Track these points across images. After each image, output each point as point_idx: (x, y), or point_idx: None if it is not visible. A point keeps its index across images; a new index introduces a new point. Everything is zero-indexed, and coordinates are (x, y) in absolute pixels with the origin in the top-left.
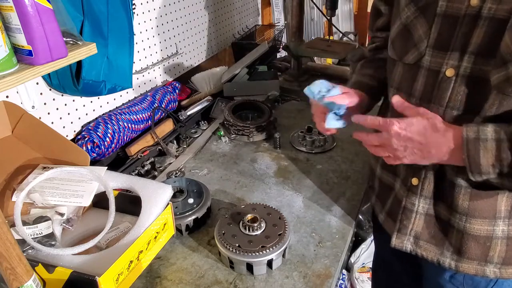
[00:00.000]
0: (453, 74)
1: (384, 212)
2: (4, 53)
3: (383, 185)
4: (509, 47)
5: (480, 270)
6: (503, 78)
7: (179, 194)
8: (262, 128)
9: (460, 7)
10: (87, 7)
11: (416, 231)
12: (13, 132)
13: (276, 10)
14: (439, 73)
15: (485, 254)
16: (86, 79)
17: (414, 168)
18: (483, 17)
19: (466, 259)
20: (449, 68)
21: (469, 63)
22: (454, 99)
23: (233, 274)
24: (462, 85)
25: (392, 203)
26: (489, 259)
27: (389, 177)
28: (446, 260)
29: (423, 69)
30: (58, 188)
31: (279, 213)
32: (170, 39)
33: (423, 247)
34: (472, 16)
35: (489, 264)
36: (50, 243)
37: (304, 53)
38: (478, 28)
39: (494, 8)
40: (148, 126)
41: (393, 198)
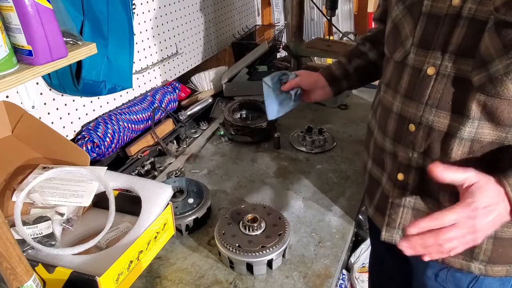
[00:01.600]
0: (433, 72)
1: (372, 206)
2: (4, 53)
3: (372, 179)
4: (488, 49)
5: (465, 265)
6: (485, 79)
7: (179, 194)
8: (262, 128)
9: (443, 6)
10: (87, 7)
11: (404, 224)
12: (13, 132)
13: (276, 10)
14: (421, 71)
15: (471, 250)
16: (86, 79)
17: (399, 163)
18: (463, 17)
19: None
20: (430, 67)
21: (449, 62)
22: (434, 97)
23: (233, 274)
24: (442, 84)
25: (380, 197)
26: (475, 255)
27: (378, 171)
28: None
29: (408, 66)
30: (58, 188)
31: (279, 213)
32: (170, 39)
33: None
34: (453, 16)
35: (474, 260)
36: (50, 243)
37: (304, 53)
38: (458, 28)
39: (474, 8)
40: (148, 126)
41: (381, 193)
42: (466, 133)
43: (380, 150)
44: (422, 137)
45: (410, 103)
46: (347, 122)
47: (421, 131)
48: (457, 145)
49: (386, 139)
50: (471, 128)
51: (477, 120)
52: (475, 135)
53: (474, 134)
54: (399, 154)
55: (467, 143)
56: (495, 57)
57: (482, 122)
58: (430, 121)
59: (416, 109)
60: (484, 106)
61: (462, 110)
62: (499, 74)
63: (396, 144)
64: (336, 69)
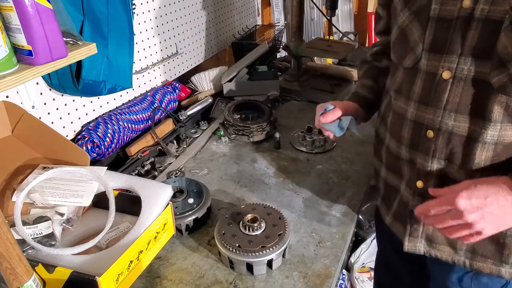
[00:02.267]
0: (449, 76)
1: (390, 214)
2: (4, 53)
3: (389, 187)
4: (506, 48)
5: (495, 270)
6: (505, 80)
7: (179, 194)
8: (262, 128)
9: (453, 9)
10: (87, 7)
11: (427, 233)
12: (13, 132)
13: (276, 10)
14: (436, 76)
15: (500, 253)
16: (86, 79)
17: (418, 170)
18: (476, 18)
19: (480, 257)
20: (445, 71)
21: (465, 65)
22: (452, 101)
23: (233, 274)
24: (460, 87)
25: (399, 205)
26: (504, 258)
27: (394, 179)
28: (460, 259)
29: (421, 72)
30: (58, 188)
31: (279, 213)
32: (170, 39)
33: (437, 248)
34: (464, 18)
35: (504, 264)
36: (50, 243)
37: (304, 53)
38: (471, 30)
39: (487, 9)
40: (148, 126)
41: (399, 200)
42: (489, 137)
43: (395, 157)
44: (442, 143)
45: (426, 109)
46: None
47: (441, 137)
48: (480, 149)
49: (401, 147)
50: (494, 131)
51: (499, 122)
52: (498, 138)
53: (498, 137)
54: (417, 161)
55: (491, 146)
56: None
57: (504, 124)
58: (450, 126)
59: (433, 114)
60: (506, 107)
61: (483, 113)
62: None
63: (413, 151)
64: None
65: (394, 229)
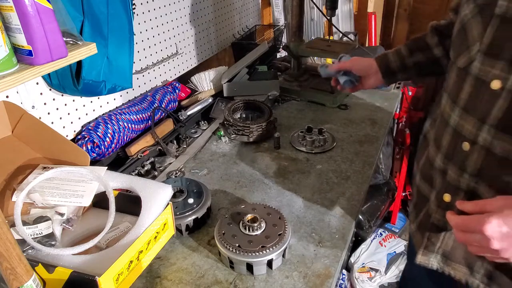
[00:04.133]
0: (499, 87)
1: (415, 223)
2: (4, 53)
3: (420, 195)
4: None
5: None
6: None
7: (179, 194)
8: (262, 128)
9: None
10: (87, 7)
11: (444, 249)
12: (13, 132)
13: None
14: (484, 83)
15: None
16: (86, 79)
17: (447, 183)
18: None
19: (496, 285)
20: (495, 80)
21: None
22: (495, 115)
23: (233, 274)
24: (507, 101)
25: (424, 216)
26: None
27: (426, 188)
28: (475, 282)
29: (471, 76)
30: (58, 188)
31: (279, 213)
32: (170, 39)
33: (452, 265)
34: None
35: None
36: (50, 243)
37: (304, 53)
38: None
39: None
40: (148, 126)
41: (426, 211)
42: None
43: (430, 165)
44: (475, 158)
45: (468, 118)
46: (347, 122)
47: (476, 152)
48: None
49: (438, 154)
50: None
51: None
52: None
53: None
54: (449, 173)
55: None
56: None
57: None
58: (487, 142)
59: (473, 126)
60: None
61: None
62: None
63: (447, 161)
64: (394, 60)
65: (414, 238)
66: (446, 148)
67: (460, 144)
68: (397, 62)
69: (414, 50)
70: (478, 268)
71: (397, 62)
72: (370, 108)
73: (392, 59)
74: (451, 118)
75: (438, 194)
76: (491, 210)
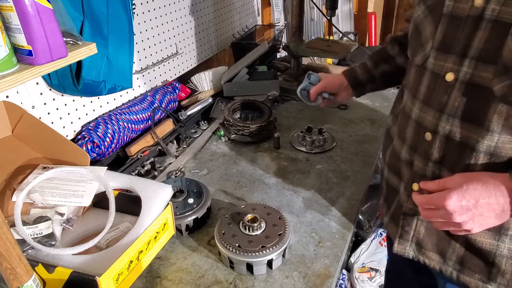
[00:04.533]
0: (452, 78)
1: (388, 215)
2: (4, 53)
3: (390, 187)
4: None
5: (482, 286)
6: (507, 89)
7: (179, 194)
8: (262, 128)
9: (465, 7)
10: (87, 7)
11: (417, 238)
12: (13, 132)
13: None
14: (439, 77)
15: (488, 271)
16: (86, 79)
17: (414, 173)
18: (486, 19)
19: (468, 270)
20: (449, 72)
21: (469, 68)
22: (451, 105)
23: (233, 274)
24: (461, 91)
25: (396, 207)
26: (492, 276)
27: (395, 180)
28: (448, 269)
29: (428, 71)
30: (58, 188)
31: (279, 213)
32: (170, 39)
33: (426, 254)
34: (475, 18)
35: (492, 282)
36: (50, 243)
37: (304, 53)
38: (480, 30)
39: (498, 10)
40: (148, 126)
41: (397, 202)
42: (484, 147)
43: (397, 158)
44: (438, 147)
45: (428, 110)
46: (346, 122)
47: (437, 141)
48: (474, 158)
49: (403, 147)
50: (490, 142)
51: (497, 133)
52: (495, 149)
53: (494, 148)
54: (415, 163)
55: (486, 156)
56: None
57: (503, 135)
58: (446, 130)
59: (433, 117)
60: (506, 118)
61: (482, 122)
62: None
63: (412, 152)
64: (361, 73)
65: (389, 230)
66: (410, 140)
67: (423, 135)
68: (365, 75)
69: (379, 61)
70: (450, 255)
71: (365, 75)
72: (369, 108)
73: (359, 72)
74: (412, 112)
75: (407, 185)
76: (451, 186)
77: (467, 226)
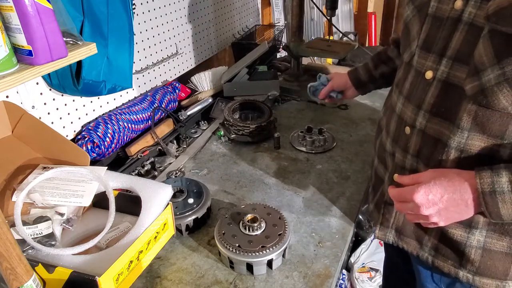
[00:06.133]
0: (431, 76)
1: (373, 202)
2: (4, 53)
3: (377, 177)
4: (481, 56)
5: (454, 271)
6: (477, 89)
7: (179, 194)
8: (262, 128)
9: (446, 8)
10: (87, 7)
11: (397, 225)
12: (13, 132)
13: (276, 10)
14: (420, 74)
15: (460, 258)
16: (86, 79)
17: (396, 164)
18: (463, 21)
19: (441, 256)
20: (428, 70)
21: (446, 67)
22: (428, 101)
23: (233, 274)
24: (437, 89)
25: (379, 195)
26: (463, 263)
27: (382, 169)
28: (424, 254)
29: (413, 68)
30: (58, 188)
31: (279, 213)
32: (170, 39)
33: (404, 240)
34: (454, 19)
35: (463, 268)
36: (50, 243)
37: (304, 53)
38: (458, 32)
39: (474, 13)
40: (148, 126)
41: (381, 191)
42: (455, 143)
43: (383, 149)
44: (416, 140)
45: (408, 105)
46: (347, 122)
47: (415, 135)
48: (446, 153)
49: (388, 139)
50: (460, 139)
51: (466, 130)
52: (465, 146)
53: (464, 145)
54: (396, 155)
55: (456, 152)
56: (487, 65)
57: (472, 133)
58: (423, 125)
59: (412, 112)
60: (475, 116)
61: (453, 119)
62: (491, 84)
63: (394, 144)
64: (363, 73)
65: (372, 216)
66: (393, 133)
67: (403, 128)
68: (366, 75)
69: (379, 63)
70: (426, 241)
71: (366, 75)
72: (370, 108)
73: (362, 72)
74: (397, 106)
75: (390, 175)
76: (423, 181)
77: (433, 219)
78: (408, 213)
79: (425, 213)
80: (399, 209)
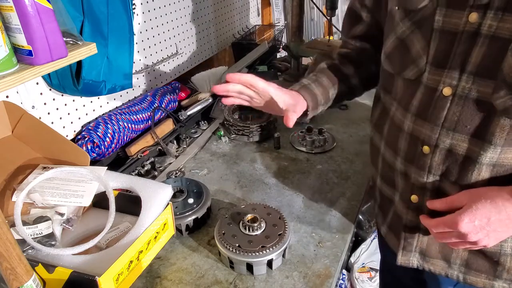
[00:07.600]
0: (450, 93)
1: (385, 225)
2: (4, 53)
3: (384, 197)
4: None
5: (489, 284)
6: (510, 103)
7: (179, 194)
8: (262, 128)
9: (458, 23)
10: (87, 7)
11: (421, 247)
12: (13, 132)
13: (276, 10)
14: (436, 91)
15: (494, 269)
16: (86, 79)
17: (412, 184)
18: (483, 34)
19: (474, 272)
20: (446, 87)
21: (467, 83)
22: (451, 119)
23: (233, 274)
24: (460, 106)
25: (393, 217)
26: (498, 274)
27: (389, 190)
28: (454, 273)
29: (422, 85)
30: (58, 188)
31: (279, 213)
32: (170, 39)
33: (430, 261)
34: (470, 33)
35: (498, 279)
36: (50, 243)
37: (304, 53)
38: (477, 46)
39: (495, 26)
40: (148, 126)
41: (393, 212)
42: (487, 159)
43: (390, 168)
44: (439, 160)
45: (423, 124)
46: (347, 122)
47: (438, 154)
48: (477, 170)
49: (397, 158)
50: (493, 154)
51: (500, 146)
52: (498, 160)
53: (497, 159)
54: (412, 175)
55: (489, 167)
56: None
57: (506, 147)
58: (447, 144)
59: (431, 131)
60: (509, 131)
61: (483, 135)
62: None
63: (408, 164)
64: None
65: (388, 240)
66: (405, 152)
67: (420, 148)
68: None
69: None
70: (454, 259)
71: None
72: (370, 108)
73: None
74: (404, 124)
75: (403, 196)
76: (459, 205)
77: (483, 243)
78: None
79: (473, 240)
80: (440, 238)
